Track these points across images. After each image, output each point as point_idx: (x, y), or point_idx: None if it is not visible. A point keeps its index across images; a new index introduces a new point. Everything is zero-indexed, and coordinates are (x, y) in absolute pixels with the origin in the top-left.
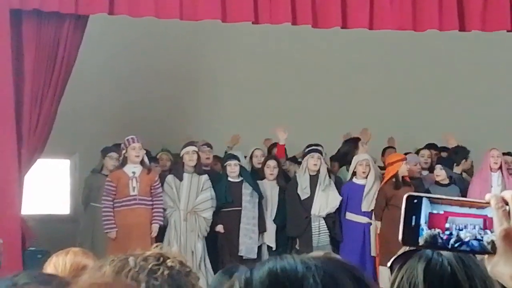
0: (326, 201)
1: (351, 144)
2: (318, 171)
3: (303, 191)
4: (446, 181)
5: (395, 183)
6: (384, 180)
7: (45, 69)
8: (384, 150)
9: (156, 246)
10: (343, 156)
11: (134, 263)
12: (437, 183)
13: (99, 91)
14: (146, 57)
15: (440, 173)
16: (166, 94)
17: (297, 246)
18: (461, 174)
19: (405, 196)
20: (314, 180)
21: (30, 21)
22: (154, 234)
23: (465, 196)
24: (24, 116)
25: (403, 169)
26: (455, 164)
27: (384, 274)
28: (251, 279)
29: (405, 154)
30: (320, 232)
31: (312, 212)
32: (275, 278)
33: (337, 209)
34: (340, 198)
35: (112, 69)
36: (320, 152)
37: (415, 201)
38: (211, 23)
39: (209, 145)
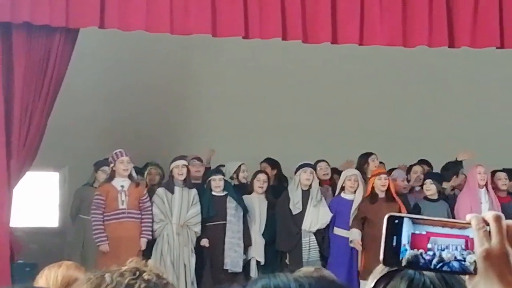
0: (317, 217)
1: (363, 159)
2: (310, 186)
3: (295, 206)
4: (435, 196)
5: (370, 198)
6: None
7: (35, 82)
8: None
9: (131, 261)
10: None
11: (110, 279)
12: (426, 198)
13: (89, 105)
14: (136, 72)
15: (430, 188)
16: (156, 108)
17: (287, 261)
18: (452, 190)
19: (386, 217)
20: (306, 195)
21: (20, 34)
22: (143, 248)
23: (454, 212)
24: (14, 128)
25: (377, 184)
26: (444, 180)
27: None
28: None
29: (391, 169)
30: (310, 247)
31: (303, 227)
32: None
33: (327, 225)
34: (331, 214)
35: (102, 83)
36: (313, 167)
37: (396, 221)
38: (200, 38)
39: (199, 159)
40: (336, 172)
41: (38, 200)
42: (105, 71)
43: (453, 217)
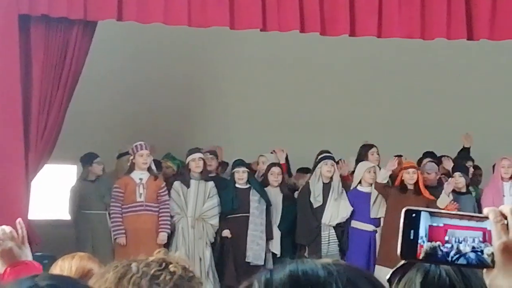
0: (337, 210)
1: (363, 151)
2: (331, 178)
3: (316, 199)
4: (464, 189)
5: (400, 188)
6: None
7: (53, 74)
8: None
9: (159, 252)
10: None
11: (136, 269)
12: (453, 191)
13: (107, 98)
14: (154, 65)
15: (460, 180)
16: (174, 101)
17: (305, 254)
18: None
19: (403, 210)
20: (326, 188)
21: (38, 26)
22: (163, 242)
23: (480, 206)
24: (32, 121)
25: (405, 177)
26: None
27: (378, 273)
28: (271, 280)
29: (420, 161)
30: (329, 241)
31: (323, 221)
32: (296, 281)
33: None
34: (351, 208)
35: (120, 76)
36: (334, 159)
37: (413, 215)
38: (218, 31)
39: (213, 153)
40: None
41: (56, 193)
42: (124, 64)
43: (480, 211)
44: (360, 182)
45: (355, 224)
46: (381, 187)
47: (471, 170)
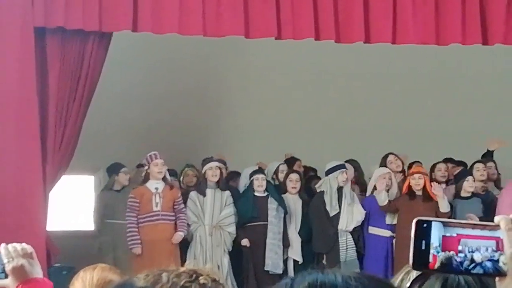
0: (352, 215)
1: (382, 161)
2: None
3: (332, 208)
4: (469, 194)
5: (408, 195)
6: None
7: (70, 86)
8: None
9: (190, 263)
10: None
11: (167, 279)
12: (459, 196)
13: (123, 109)
14: (169, 76)
15: (472, 185)
16: (189, 112)
17: (324, 261)
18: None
19: (414, 221)
20: (339, 195)
21: (54, 38)
22: (177, 241)
23: (495, 208)
24: (49, 132)
25: (412, 183)
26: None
27: None
28: None
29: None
30: (347, 247)
31: (339, 227)
32: None
33: (361, 222)
34: (364, 212)
35: (137, 87)
36: (345, 167)
37: (425, 225)
38: (231, 41)
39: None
40: None
41: (74, 204)
42: (139, 74)
43: (494, 214)
44: (375, 189)
45: (372, 230)
46: (387, 207)
47: (494, 171)
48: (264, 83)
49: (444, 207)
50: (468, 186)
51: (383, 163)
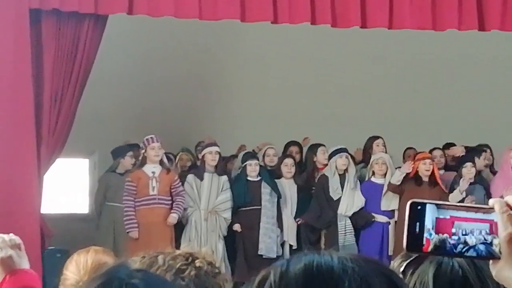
0: (352, 201)
1: (369, 142)
2: (346, 170)
3: (335, 192)
4: (472, 180)
5: (415, 180)
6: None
7: (64, 68)
8: (405, 151)
9: (186, 246)
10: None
11: (163, 261)
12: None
13: (118, 92)
14: (164, 60)
15: (471, 171)
16: (182, 97)
17: (322, 245)
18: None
19: (408, 203)
20: (342, 179)
21: (49, 20)
22: (172, 223)
23: (489, 195)
24: (44, 115)
25: (421, 168)
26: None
27: None
28: (287, 272)
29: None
30: (346, 231)
31: (339, 211)
32: (310, 276)
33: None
34: (364, 199)
35: (131, 70)
36: (347, 152)
37: (419, 207)
38: (226, 26)
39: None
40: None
41: (68, 187)
42: (134, 58)
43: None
44: (374, 174)
45: None
46: (395, 187)
47: (489, 155)
48: (260, 69)
49: (455, 199)
50: (467, 172)
51: (370, 144)
